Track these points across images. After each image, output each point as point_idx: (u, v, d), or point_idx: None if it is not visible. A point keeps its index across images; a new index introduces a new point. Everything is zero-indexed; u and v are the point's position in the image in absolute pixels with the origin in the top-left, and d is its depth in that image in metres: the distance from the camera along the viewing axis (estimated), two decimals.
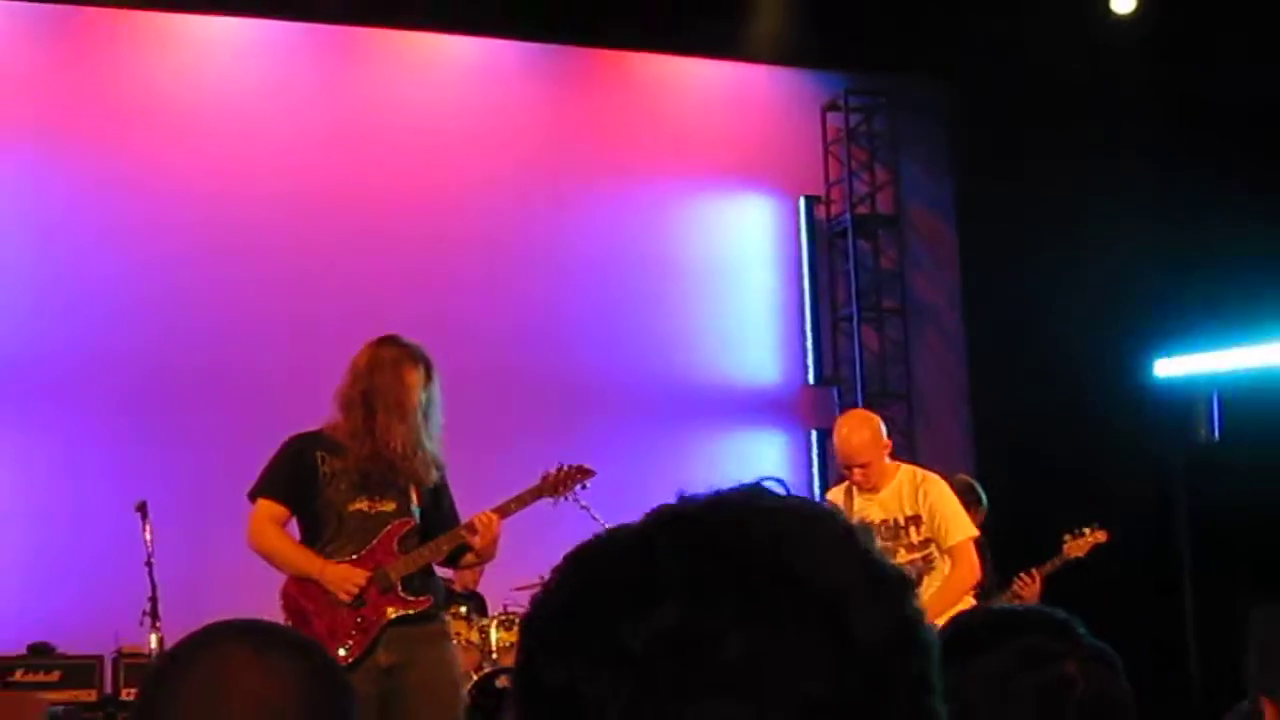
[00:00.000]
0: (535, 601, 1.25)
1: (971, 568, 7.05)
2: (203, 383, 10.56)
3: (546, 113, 12.12)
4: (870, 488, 7.17)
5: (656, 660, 1.14)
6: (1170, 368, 11.23)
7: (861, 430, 7.17)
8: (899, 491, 7.15)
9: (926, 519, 7.09)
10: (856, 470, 7.09)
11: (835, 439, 7.34)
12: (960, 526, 7.15)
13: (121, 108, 11.13)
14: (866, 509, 7.10)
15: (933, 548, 7.06)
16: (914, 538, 7.08)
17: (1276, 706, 2.57)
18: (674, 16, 11.71)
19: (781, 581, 1.16)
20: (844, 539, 1.21)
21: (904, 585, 1.23)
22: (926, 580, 7.00)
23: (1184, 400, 11.26)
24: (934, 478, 7.26)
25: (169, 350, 10.64)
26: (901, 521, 7.11)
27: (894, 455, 7.33)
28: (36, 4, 10.98)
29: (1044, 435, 7.72)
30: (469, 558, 6.59)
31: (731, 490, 1.24)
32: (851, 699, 1.14)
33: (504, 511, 6.40)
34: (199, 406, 10.45)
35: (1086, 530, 8.01)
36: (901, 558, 6.96)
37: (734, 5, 11.87)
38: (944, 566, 7.07)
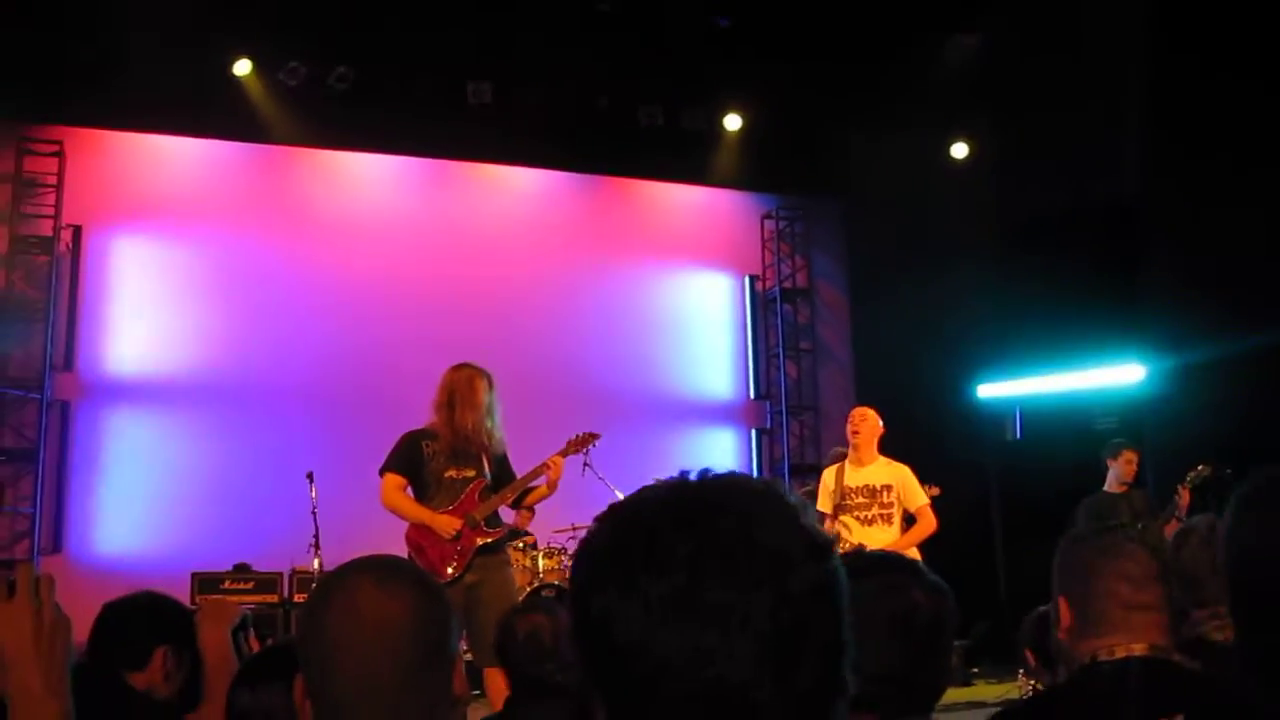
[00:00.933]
0: (585, 548, 1.24)
1: (931, 521, 7.21)
2: (351, 400, 10.69)
3: (573, 221, 12.16)
4: (858, 462, 7.30)
5: (663, 604, 1.15)
6: (988, 390, 11.32)
7: (873, 412, 7.42)
8: (879, 468, 7.28)
9: (898, 488, 7.22)
10: (860, 429, 7.30)
11: (855, 413, 7.45)
12: (921, 495, 7.31)
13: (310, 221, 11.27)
14: (856, 477, 7.27)
15: (894, 507, 7.18)
16: (886, 499, 7.20)
17: (1068, 602, 2.47)
18: (662, 156, 11.71)
19: (747, 550, 1.16)
20: (792, 515, 1.21)
21: (828, 549, 1.21)
22: (884, 525, 7.16)
23: (997, 413, 11.34)
24: (902, 465, 7.35)
25: (335, 380, 10.78)
26: (878, 487, 7.22)
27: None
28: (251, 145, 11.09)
29: (905, 436, 7.75)
30: (533, 496, 6.64)
31: (714, 475, 1.24)
32: (785, 630, 1.15)
33: (563, 454, 6.52)
34: (353, 414, 10.56)
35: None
36: (874, 510, 7.17)
37: (704, 148, 11.95)
38: (898, 519, 7.19)
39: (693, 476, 1.25)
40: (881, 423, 7.40)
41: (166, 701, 3.11)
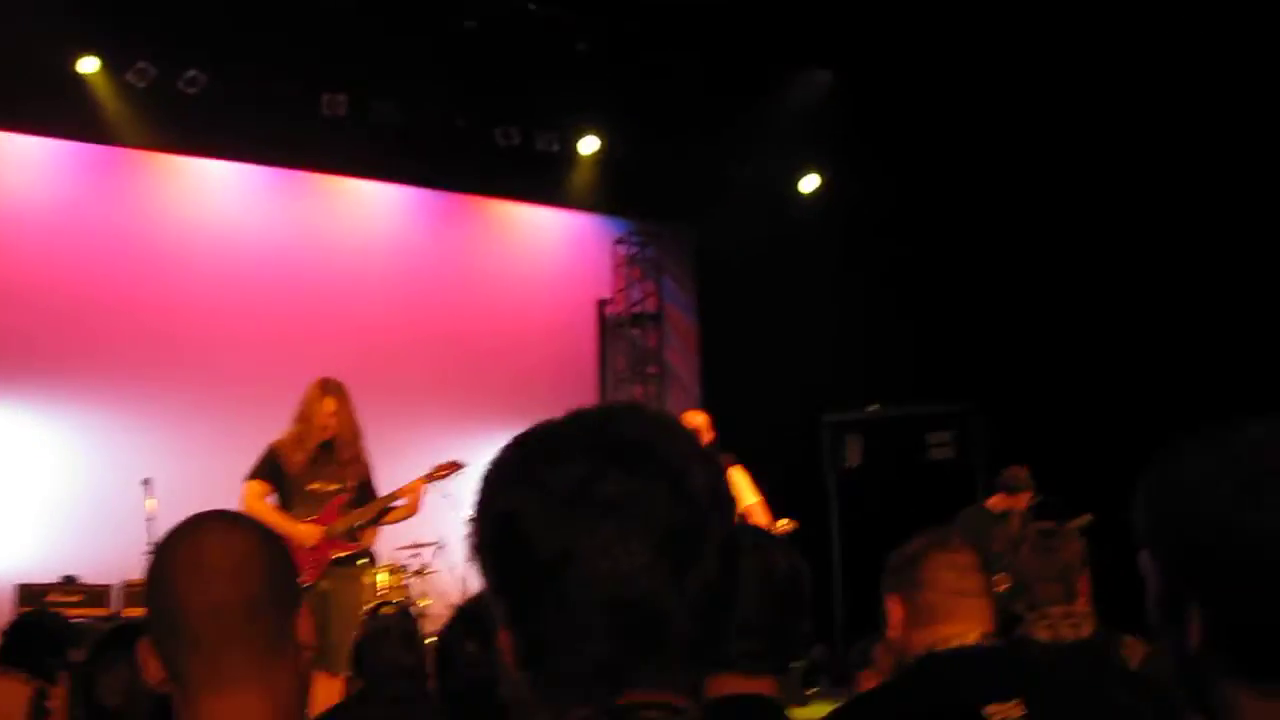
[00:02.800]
0: (491, 462, 1.28)
1: (763, 520, 7.56)
2: (187, 405, 10.48)
3: (428, 237, 12.18)
4: None
5: (565, 494, 1.19)
6: (832, 417, 11.61)
7: (701, 417, 7.74)
8: None
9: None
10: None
11: (682, 417, 7.36)
12: (749, 495, 7.53)
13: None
14: None
15: None
16: None
17: (900, 600, 2.61)
18: (517, 176, 11.82)
19: (645, 450, 1.21)
20: (685, 432, 1.27)
21: (718, 464, 1.26)
22: None
23: (839, 439, 11.64)
24: (735, 466, 7.56)
25: (169, 385, 10.48)
26: None
27: None
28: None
29: (750, 461, 7.95)
30: (393, 515, 6.71)
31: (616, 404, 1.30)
32: (683, 527, 1.19)
33: (425, 479, 6.59)
34: (190, 420, 10.35)
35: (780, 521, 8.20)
36: None
37: (559, 169, 12.06)
38: None
39: None
40: (712, 429, 7.60)
41: None
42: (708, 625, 1.22)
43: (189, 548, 1.70)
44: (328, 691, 5.40)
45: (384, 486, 6.77)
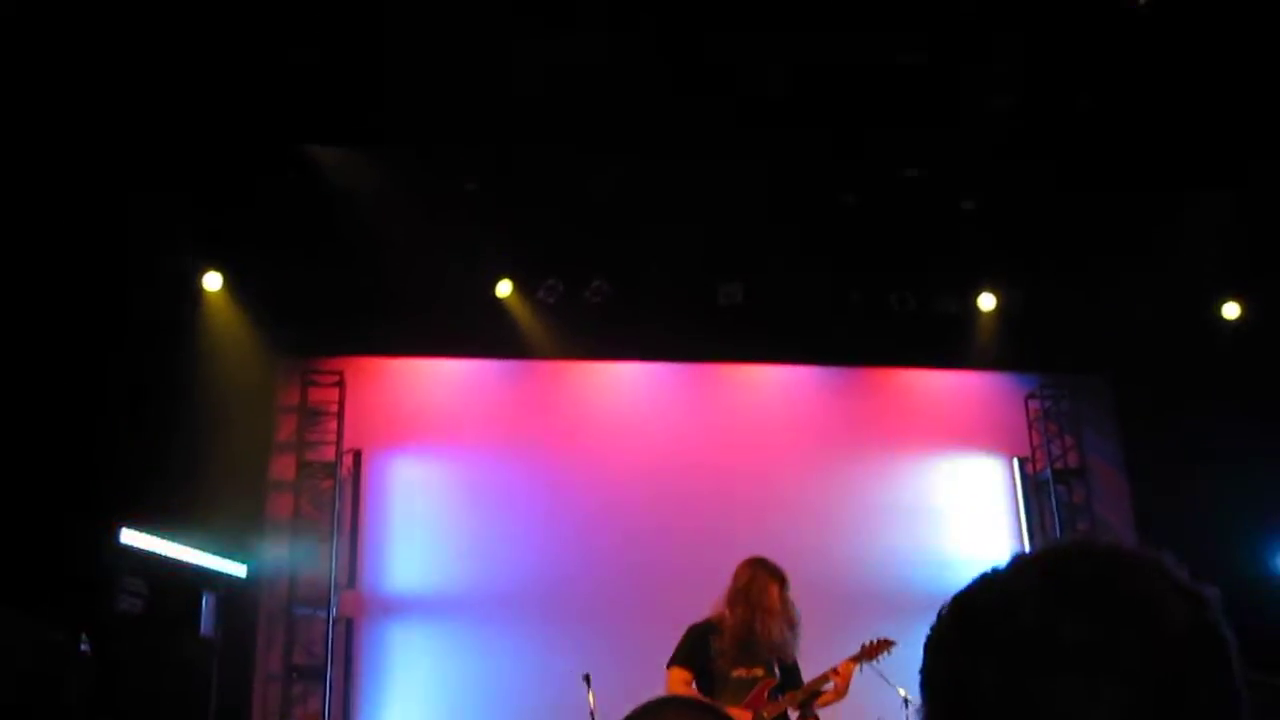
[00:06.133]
0: (931, 631, 1.21)
1: None
2: (621, 600, 10.82)
3: (828, 413, 12.20)
4: None
5: (1019, 648, 1.09)
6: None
7: None
8: None
9: None
10: None
11: None
12: None
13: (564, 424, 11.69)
14: None
15: None
16: None
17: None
18: (917, 340, 11.74)
19: (1108, 590, 1.11)
20: (1157, 564, 1.15)
21: (1203, 597, 1.13)
22: None
23: None
24: None
25: (604, 582, 10.97)
26: None
27: None
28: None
29: None
30: (822, 700, 6.56)
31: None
32: (1161, 675, 1.06)
33: (855, 660, 6.43)
34: (626, 614, 10.69)
35: None
36: None
37: (959, 329, 11.93)
38: None
39: None
40: None
41: None
42: None
43: None
44: None
45: (807, 669, 6.65)
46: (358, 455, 11.35)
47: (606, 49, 8.28)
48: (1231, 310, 11.58)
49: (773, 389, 12.27)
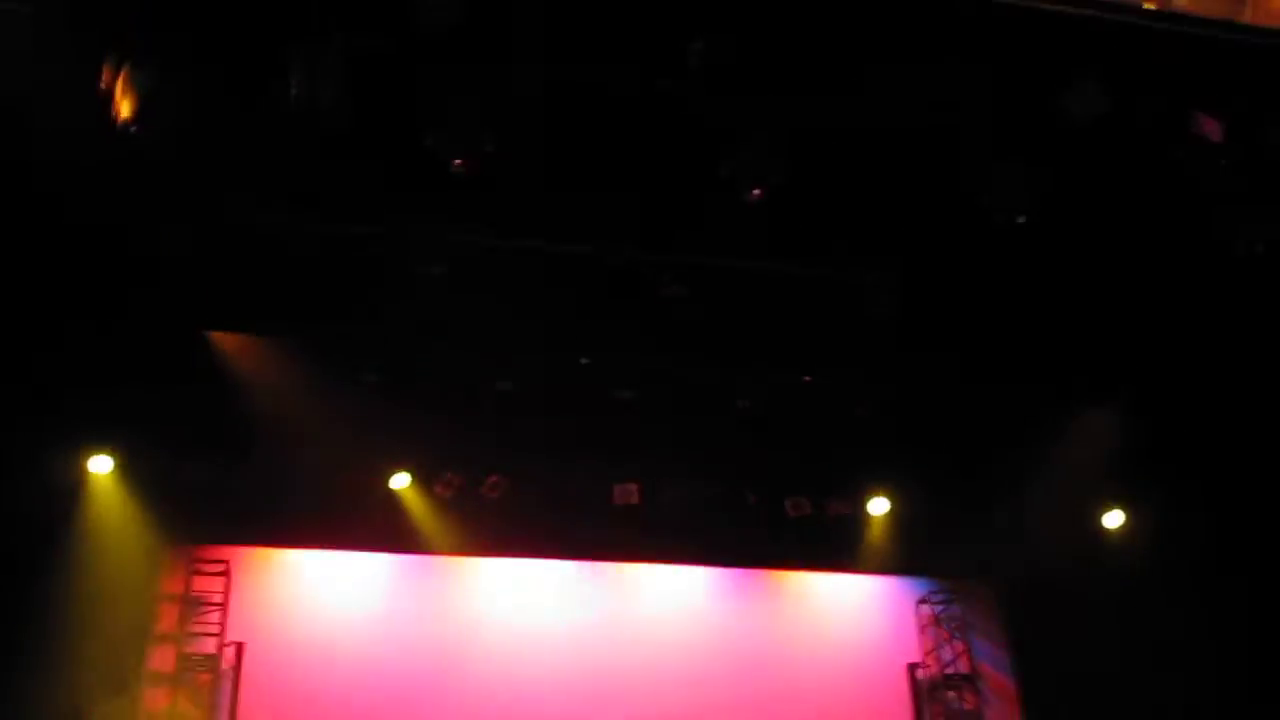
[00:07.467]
0: None
1: None
2: None
3: (729, 615, 12.25)
4: None
5: None
6: None
7: None
8: None
9: None
10: None
11: None
12: None
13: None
14: None
15: None
16: None
17: None
18: (810, 543, 11.82)
19: None
20: None
21: None
22: None
23: None
24: None
25: None
26: None
27: None
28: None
29: None
30: None
31: None
32: None
33: None
34: None
35: None
36: None
37: (852, 533, 12.04)
38: None
39: None
40: None
41: None
42: None
43: None
44: None
45: None
46: (239, 649, 11.02)
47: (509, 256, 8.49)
48: (1114, 519, 11.85)
49: (665, 587, 12.24)
